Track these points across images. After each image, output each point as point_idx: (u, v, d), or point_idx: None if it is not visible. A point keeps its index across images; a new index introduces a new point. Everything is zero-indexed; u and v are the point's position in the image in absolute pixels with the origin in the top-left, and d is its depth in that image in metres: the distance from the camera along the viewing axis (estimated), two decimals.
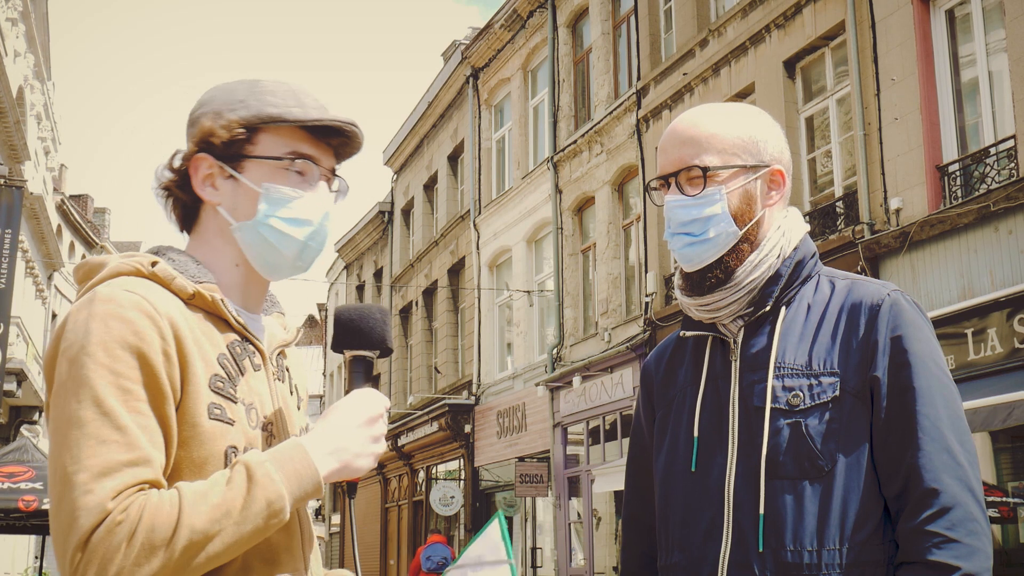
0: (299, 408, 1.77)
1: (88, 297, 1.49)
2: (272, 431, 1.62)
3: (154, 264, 1.55)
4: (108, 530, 1.36)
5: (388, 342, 1.69)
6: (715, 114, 1.96)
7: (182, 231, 1.70)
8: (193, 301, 1.56)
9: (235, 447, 1.53)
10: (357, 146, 1.72)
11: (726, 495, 1.85)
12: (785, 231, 1.94)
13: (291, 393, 1.73)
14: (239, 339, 1.61)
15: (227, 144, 1.62)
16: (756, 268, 1.90)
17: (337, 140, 1.69)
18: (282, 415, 1.67)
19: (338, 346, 1.70)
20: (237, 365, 1.58)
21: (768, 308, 1.90)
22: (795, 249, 1.93)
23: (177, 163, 1.64)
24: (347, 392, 1.65)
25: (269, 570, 1.54)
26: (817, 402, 1.81)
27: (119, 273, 1.54)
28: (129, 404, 1.43)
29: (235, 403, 1.55)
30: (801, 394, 1.82)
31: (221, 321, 1.59)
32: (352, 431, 1.58)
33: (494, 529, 2.17)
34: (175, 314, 1.51)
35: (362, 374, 1.68)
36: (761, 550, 1.79)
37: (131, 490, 1.40)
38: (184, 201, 1.66)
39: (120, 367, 1.43)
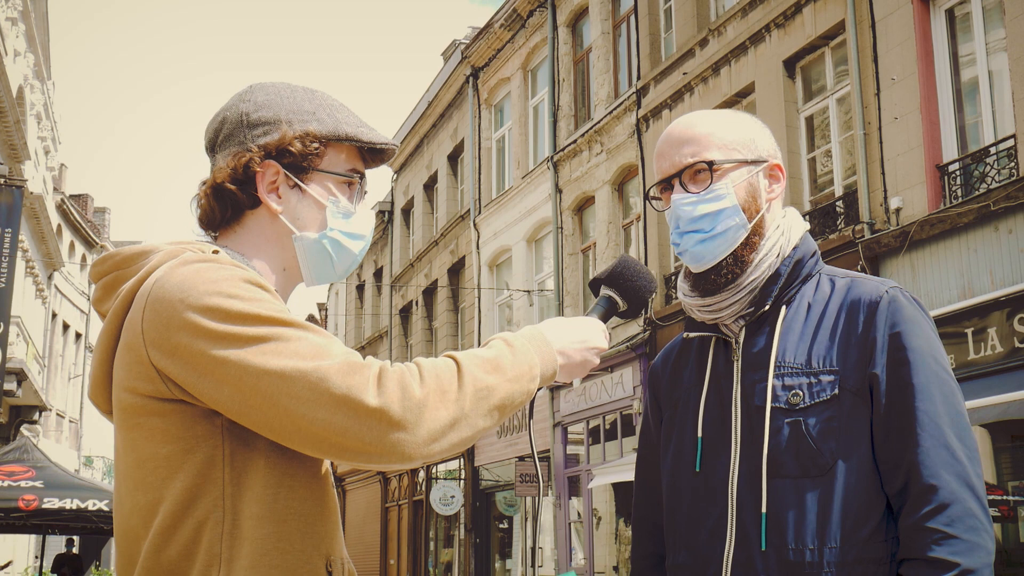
0: None
1: (170, 263, 1.47)
2: None
3: (215, 252, 1.55)
4: (389, 367, 1.36)
5: (645, 308, 1.79)
6: (709, 116, 2.00)
7: (215, 230, 1.67)
8: None
9: None
10: (383, 163, 1.79)
11: (730, 494, 1.86)
12: (784, 230, 1.94)
13: None
14: None
15: (300, 156, 1.63)
16: (756, 268, 1.91)
17: (377, 160, 1.74)
18: None
19: (610, 281, 1.83)
20: None
21: (768, 308, 1.91)
22: (795, 248, 1.94)
23: (243, 166, 1.61)
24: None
25: (322, 557, 1.54)
26: (816, 400, 1.82)
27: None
28: (292, 315, 1.44)
29: None
30: (801, 393, 1.83)
31: None
32: (580, 338, 1.68)
33: None
34: None
35: (604, 311, 1.82)
36: (764, 549, 1.80)
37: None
38: (236, 202, 1.63)
39: (273, 307, 1.43)
